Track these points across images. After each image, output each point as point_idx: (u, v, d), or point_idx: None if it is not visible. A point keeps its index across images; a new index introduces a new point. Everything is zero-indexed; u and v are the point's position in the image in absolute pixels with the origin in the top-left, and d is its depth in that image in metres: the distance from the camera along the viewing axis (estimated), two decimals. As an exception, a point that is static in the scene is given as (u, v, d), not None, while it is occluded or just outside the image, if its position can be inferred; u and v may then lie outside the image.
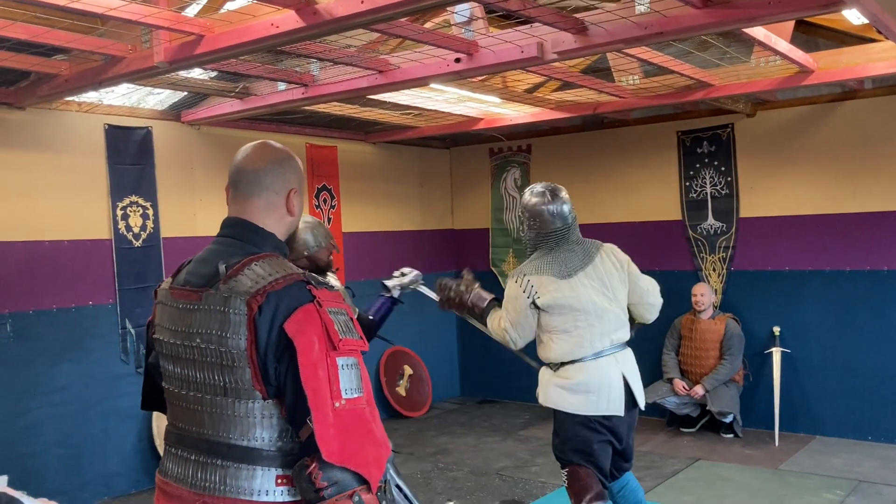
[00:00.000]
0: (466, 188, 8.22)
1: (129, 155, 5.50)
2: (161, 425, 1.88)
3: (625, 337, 3.58)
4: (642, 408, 3.60)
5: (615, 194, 7.18)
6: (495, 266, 7.97)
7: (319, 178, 6.90)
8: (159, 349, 1.92)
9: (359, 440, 1.65)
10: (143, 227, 5.57)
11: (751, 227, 6.53)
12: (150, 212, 5.61)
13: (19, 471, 4.55)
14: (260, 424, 1.72)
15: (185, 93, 5.41)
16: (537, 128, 7.29)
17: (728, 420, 6.25)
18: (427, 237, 7.98)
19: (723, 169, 6.62)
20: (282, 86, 5.03)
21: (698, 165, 6.74)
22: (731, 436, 6.29)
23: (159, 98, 5.59)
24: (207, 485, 1.75)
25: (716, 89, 5.42)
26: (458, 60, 4.25)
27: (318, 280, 1.77)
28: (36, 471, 4.90)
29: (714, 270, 6.71)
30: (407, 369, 7.55)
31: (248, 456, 1.72)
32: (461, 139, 7.95)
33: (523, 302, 3.51)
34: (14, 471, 4.24)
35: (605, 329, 3.48)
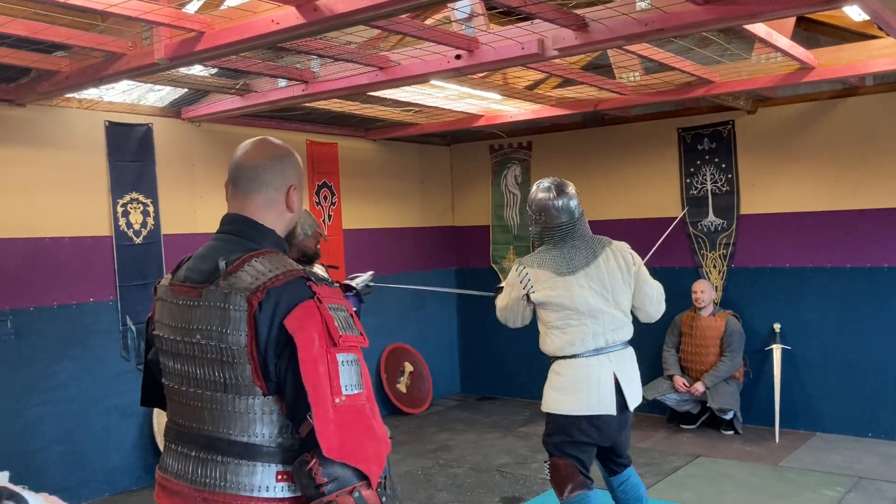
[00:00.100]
0: (467, 185, 8.22)
1: (130, 152, 5.51)
2: (162, 422, 1.89)
3: (623, 337, 3.56)
4: (631, 410, 3.56)
5: (616, 191, 7.18)
6: (496, 263, 7.97)
7: (320, 174, 6.90)
8: (159, 345, 1.92)
9: (359, 436, 1.65)
10: (144, 224, 5.58)
11: (751, 224, 6.53)
12: (150, 209, 5.61)
13: (20, 467, 4.56)
14: (260, 421, 1.73)
15: (185, 89, 5.41)
16: (538, 125, 7.28)
17: (728, 417, 6.25)
18: (427, 234, 7.98)
19: (723, 166, 6.62)
20: (282, 82, 5.03)
21: (699, 162, 6.74)
22: (731, 432, 6.29)
23: (160, 95, 5.59)
24: (208, 481, 1.75)
25: (716, 86, 5.41)
26: (458, 57, 4.25)
27: (318, 277, 1.77)
28: (37, 467, 4.91)
29: (714, 267, 6.71)
30: (407, 366, 7.55)
31: (249, 452, 1.73)
32: (462, 136, 7.95)
33: (518, 291, 3.61)
34: (15, 467, 4.23)
35: (598, 329, 3.48)
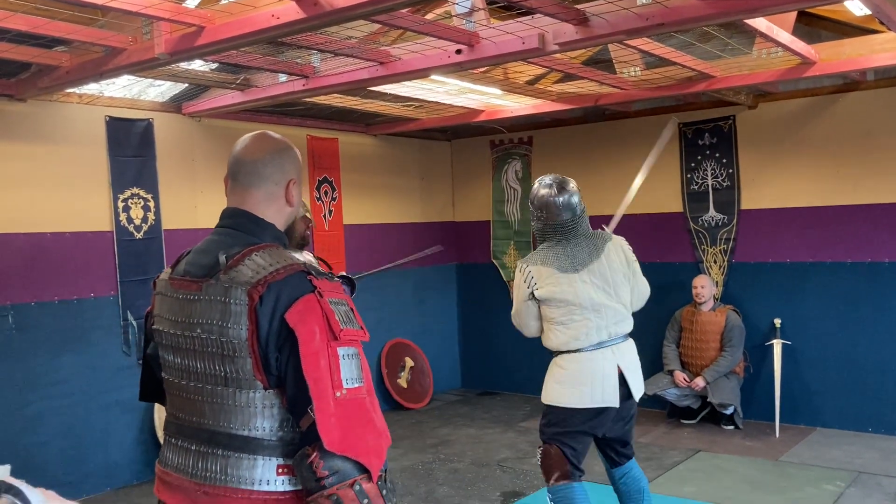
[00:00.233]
0: (467, 180, 8.21)
1: (131, 147, 5.50)
2: (163, 416, 1.87)
3: (625, 329, 3.60)
4: (636, 399, 3.63)
5: (616, 186, 7.14)
6: (496, 258, 7.97)
7: (320, 170, 6.89)
8: (159, 339, 1.92)
9: (360, 429, 1.65)
10: (145, 220, 5.58)
11: (752, 219, 6.52)
12: (151, 204, 5.61)
13: (22, 462, 4.56)
14: (261, 414, 1.73)
15: (185, 84, 5.41)
16: (538, 120, 7.28)
17: (729, 412, 6.25)
18: (428, 229, 7.97)
19: (724, 161, 6.61)
20: (283, 77, 5.03)
21: (700, 157, 6.73)
22: (731, 427, 6.30)
23: (160, 90, 5.59)
24: (208, 474, 1.76)
25: (717, 81, 5.40)
26: (459, 52, 4.24)
27: (318, 270, 1.77)
28: (38, 462, 4.92)
29: (715, 262, 6.70)
30: (408, 361, 7.56)
31: (249, 445, 1.73)
32: (462, 131, 7.94)
33: (524, 292, 3.60)
34: (16, 462, 4.21)
35: (601, 323, 3.52)
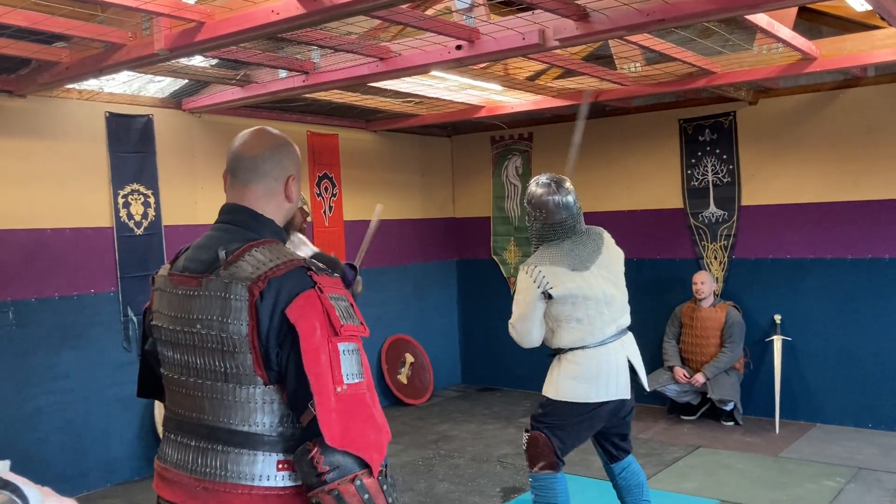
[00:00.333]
0: (468, 176, 8.21)
1: (131, 143, 5.50)
2: (163, 412, 1.87)
3: (628, 321, 3.66)
4: (647, 389, 3.72)
5: (617, 182, 7.17)
6: (496, 254, 7.97)
7: (320, 166, 6.89)
8: (158, 335, 1.91)
9: (360, 425, 1.65)
10: (145, 215, 5.58)
11: (752, 215, 6.52)
12: (151, 200, 5.61)
13: (22, 458, 4.56)
14: (261, 410, 1.73)
15: (185, 80, 5.40)
16: (539, 115, 7.27)
17: (729, 408, 6.26)
18: (428, 225, 7.97)
19: (724, 157, 6.60)
20: (283, 73, 5.02)
21: (700, 153, 6.73)
22: (731, 423, 6.30)
23: (160, 86, 5.58)
24: (208, 470, 1.76)
25: (718, 77, 5.40)
26: (459, 48, 4.23)
27: (318, 266, 1.77)
28: (39, 458, 4.92)
29: (715, 258, 6.70)
30: (408, 357, 7.56)
31: (249, 441, 1.73)
32: (462, 127, 7.93)
33: (533, 293, 3.51)
34: (17, 458, 4.23)
35: (612, 316, 3.56)
